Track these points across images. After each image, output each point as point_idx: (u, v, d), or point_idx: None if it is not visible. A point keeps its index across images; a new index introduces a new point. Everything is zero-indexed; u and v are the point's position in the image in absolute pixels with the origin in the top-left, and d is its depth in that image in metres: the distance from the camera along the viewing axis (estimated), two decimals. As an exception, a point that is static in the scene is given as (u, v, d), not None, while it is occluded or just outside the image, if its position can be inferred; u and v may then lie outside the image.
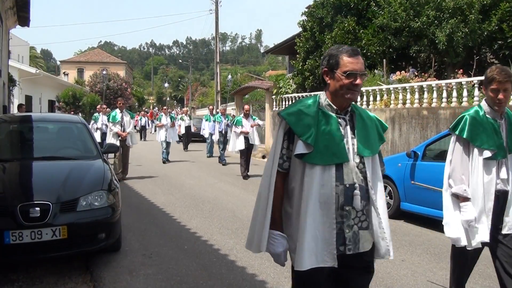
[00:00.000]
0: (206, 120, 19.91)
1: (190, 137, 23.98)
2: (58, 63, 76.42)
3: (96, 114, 17.30)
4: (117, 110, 12.53)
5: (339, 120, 2.74)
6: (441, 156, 7.93)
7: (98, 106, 17.78)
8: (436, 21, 13.47)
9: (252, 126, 13.71)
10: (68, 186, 5.31)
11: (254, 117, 14.19)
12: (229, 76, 18.71)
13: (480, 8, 12.91)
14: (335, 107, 2.75)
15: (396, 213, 8.36)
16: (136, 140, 12.60)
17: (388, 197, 8.51)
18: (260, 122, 14.46)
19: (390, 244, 2.89)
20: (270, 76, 35.13)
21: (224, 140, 17.45)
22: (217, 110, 19.54)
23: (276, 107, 20.82)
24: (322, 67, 2.81)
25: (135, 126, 16.38)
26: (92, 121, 17.06)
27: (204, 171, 14.84)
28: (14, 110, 20.57)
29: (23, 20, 17.17)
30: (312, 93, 17.14)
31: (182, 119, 23.43)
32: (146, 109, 56.81)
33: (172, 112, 38.07)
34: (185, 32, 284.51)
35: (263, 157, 19.69)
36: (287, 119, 2.73)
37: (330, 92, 2.78)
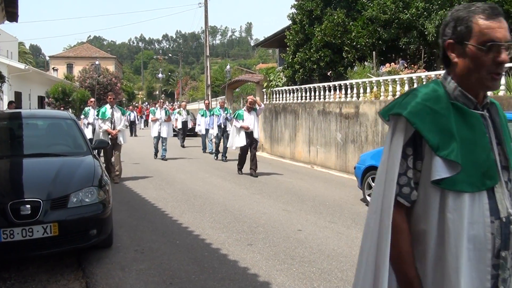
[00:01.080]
0: (202, 115, 18.97)
1: (186, 132, 23.27)
2: (47, 58, 75.90)
3: (86, 109, 16.24)
4: (107, 106, 11.41)
5: (482, 118, 1.86)
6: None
7: (90, 100, 16.50)
8: (425, 13, 13.51)
9: (259, 105, 12.87)
10: (58, 183, 5.29)
11: (255, 108, 12.92)
12: (228, 66, 18.30)
13: (469, 0, 12.96)
14: (473, 99, 1.85)
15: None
16: (126, 137, 11.81)
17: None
18: (262, 105, 13.43)
19: None
20: (261, 69, 35.07)
21: (223, 135, 16.52)
22: (218, 103, 18.08)
23: (266, 100, 20.80)
24: (444, 38, 1.93)
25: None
26: (83, 116, 15.98)
27: (195, 166, 14.80)
28: (4, 107, 20.41)
29: (11, 15, 16.98)
30: (302, 86, 17.17)
31: (179, 113, 22.62)
32: (136, 104, 56.57)
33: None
34: (175, 26, 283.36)
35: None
36: (414, 123, 1.79)
37: (459, 77, 1.87)
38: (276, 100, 19.58)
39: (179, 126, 22.31)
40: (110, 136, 11.04)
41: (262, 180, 11.65)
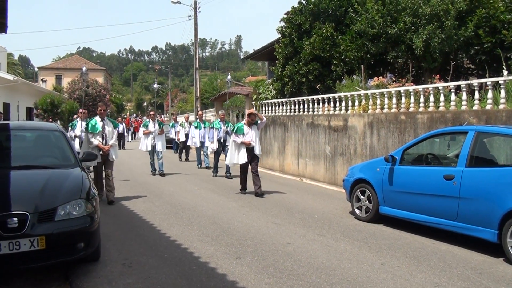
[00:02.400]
0: (196, 127, 18.21)
1: (189, 147, 21.27)
2: (36, 69, 75.45)
3: (74, 121, 15.33)
4: (97, 118, 10.27)
5: None
6: (419, 160, 8.05)
7: (80, 111, 14.67)
8: (413, 27, 13.66)
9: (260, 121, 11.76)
10: (46, 196, 5.24)
11: (257, 121, 11.82)
12: (229, 77, 17.86)
13: (456, 15, 13.14)
14: None
15: (375, 217, 8.44)
16: (118, 152, 10.66)
17: (367, 202, 8.59)
18: (264, 119, 12.12)
19: None
20: (250, 82, 35.20)
21: (223, 150, 15.44)
22: (219, 115, 16.54)
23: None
24: None
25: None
26: (69, 129, 15.14)
27: (184, 178, 14.76)
28: (-9, 118, 20.25)
29: (0, 26, 16.94)
30: (291, 99, 17.24)
31: (182, 125, 21.16)
32: (124, 116, 56.33)
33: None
34: (165, 38, 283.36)
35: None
36: None
37: None
38: (265, 113, 19.62)
39: (182, 139, 20.98)
40: (101, 152, 10.00)
41: (251, 193, 11.63)
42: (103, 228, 6.52)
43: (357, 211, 8.89)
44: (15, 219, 4.77)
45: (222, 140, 15.56)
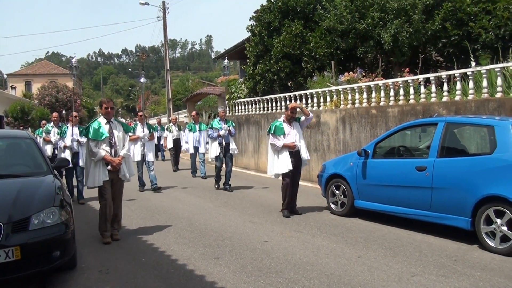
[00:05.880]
0: (190, 130, 15.74)
1: (179, 153, 18.79)
2: (5, 76, 74.04)
3: (48, 125, 12.59)
4: (101, 120, 7.37)
5: None
6: (391, 153, 8.17)
7: (74, 114, 11.62)
8: (381, 22, 13.84)
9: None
10: (19, 205, 5.16)
11: (299, 117, 9.37)
12: (226, 61, 16.82)
13: (423, 9, 13.36)
14: None
15: (350, 211, 8.54)
16: (132, 168, 7.80)
17: (342, 196, 8.68)
18: (311, 114, 9.44)
19: None
20: (222, 81, 35.19)
21: (226, 155, 12.27)
22: (219, 112, 12.96)
23: (229, 112, 20.86)
24: None
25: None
26: (44, 135, 12.40)
27: (159, 180, 14.55)
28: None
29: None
30: (264, 97, 17.28)
31: (169, 129, 18.35)
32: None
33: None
34: (134, 40, 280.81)
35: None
36: None
37: None
38: (238, 112, 19.63)
39: (169, 145, 18.08)
40: (109, 167, 7.19)
41: (227, 193, 11.63)
42: (78, 235, 6.46)
43: (332, 206, 8.97)
44: (-12, 230, 4.69)
45: (224, 143, 12.24)
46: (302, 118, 9.26)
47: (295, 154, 8.93)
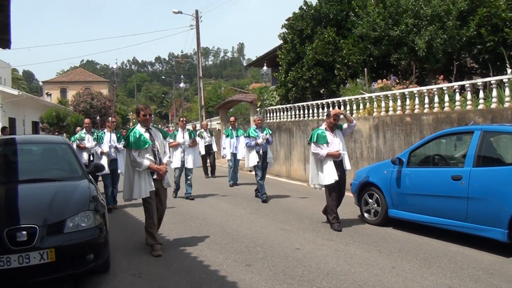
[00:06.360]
0: (227, 136, 15.50)
1: (213, 160, 18.25)
2: (41, 84, 75.85)
3: (81, 132, 12.22)
4: (139, 128, 7.01)
5: None
6: (426, 161, 8.02)
7: (112, 120, 11.44)
8: (415, 29, 13.66)
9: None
10: (54, 208, 5.25)
11: (341, 124, 8.79)
12: (264, 67, 16.70)
13: (457, 14, 13.14)
14: None
15: (384, 220, 8.40)
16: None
17: (376, 205, 8.55)
18: (354, 121, 8.83)
19: None
20: (254, 88, 35.26)
21: (263, 164, 11.72)
22: (254, 120, 12.50)
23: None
24: None
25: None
26: (95, 143, 11.06)
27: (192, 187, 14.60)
28: (-3, 133, 20.36)
29: (4, 42, 17.00)
30: (295, 104, 17.25)
31: (201, 135, 17.44)
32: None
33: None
34: (167, 48, 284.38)
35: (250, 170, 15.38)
36: None
37: None
38: (270, 119, 19.63)
39: (202, 152, 17.26)
40: (154, 176, 6.93)
41: (259, 200, 11.60)
42: (112, 239, 6.52)
43: (365, 214, 8.85)
44: (24, 232, 4.78)
45: (261, 152, 11.62)
46: (345, 125, 8.70)
47: (339, 164, 8.39)
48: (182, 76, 54.94)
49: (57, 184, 6.11)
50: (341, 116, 8.73)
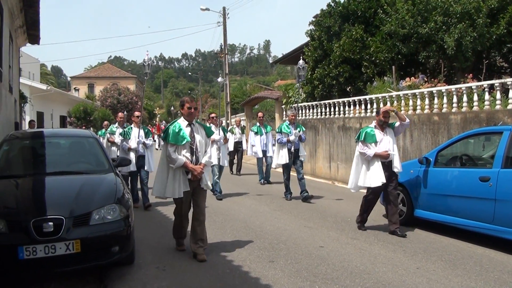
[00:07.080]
0: (257, 133, 15.06)
1: (241, 157, 17.61)
2: (69, 79, 77.03)
3: (113, 126, 12.14)
4: (181, 121, 6.45)
5: None
6: (453, 161, 7.89)
7: (136, 114, 11.07)
8: (444, 27, 13.44)
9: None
10: (80, 200, 5.33)
11: (394, 123, 8.22)
12: (300, 61, 15.87)
13: (487, 12, 12.88)
14: None
15: (409, 220, 8.30)
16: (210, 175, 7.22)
17: (401, 204, 8.45)
18: (408, 120, 8.21)
19: None
20: (279, 86, 35.20)
21: (295, 162, 11.31)
22: (288, 116, 12.06)
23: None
24: None
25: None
26: (121, 138, 10.60)
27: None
28: (25, 126, 20.77)
29: (33, 38, 17.38)
30: (322, 102, 17.15)
31: (232, 131, 16.86)
32: (155, 122, 56.81)
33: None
34: (194, 45, 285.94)
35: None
36: None
37: None
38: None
39: (231, 148, 16.29)
40: (189, 176, 6.32)
41: (282, 197, 11.57)
42: (137, 232, 6.57)
43: (390, 214, 8.75)
44: (51, 223, 4.85)
45: (293, 150, 11.17)
46: (397, 123, 8.12)
47: (388, 166, 7.83)
48: (220, 71, 55.01)
49: (84, 177, 6.20)
50: (393, 114, 8.26)
